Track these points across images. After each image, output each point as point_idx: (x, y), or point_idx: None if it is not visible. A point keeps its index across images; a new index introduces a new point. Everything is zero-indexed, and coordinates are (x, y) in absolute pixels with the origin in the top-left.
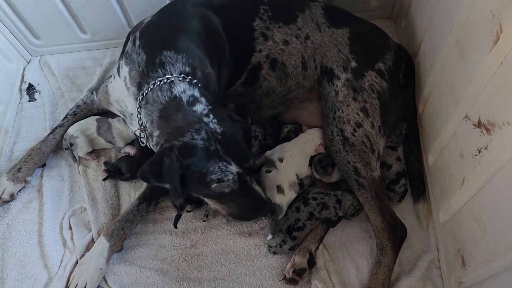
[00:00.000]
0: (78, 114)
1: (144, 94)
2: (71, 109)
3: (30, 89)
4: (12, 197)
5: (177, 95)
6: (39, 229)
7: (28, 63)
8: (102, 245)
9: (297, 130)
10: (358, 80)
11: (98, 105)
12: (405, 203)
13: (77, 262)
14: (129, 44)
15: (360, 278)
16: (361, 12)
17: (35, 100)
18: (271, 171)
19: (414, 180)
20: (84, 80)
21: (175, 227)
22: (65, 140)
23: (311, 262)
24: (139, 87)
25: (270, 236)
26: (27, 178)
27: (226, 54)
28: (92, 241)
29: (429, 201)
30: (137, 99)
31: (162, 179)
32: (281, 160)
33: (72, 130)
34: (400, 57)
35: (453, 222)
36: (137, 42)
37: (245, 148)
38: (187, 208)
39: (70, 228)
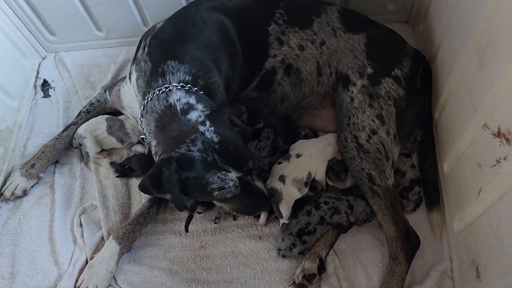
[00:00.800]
0: (91, 112)
1: (145, 104)
2: (84, 107)
3: (45, 85)
4: (25, 192)
5: (172, 103)
6: (50, 225)
7: (43, 59)
8: (112, 248)
9: (313, 134)
10: (374, 87)
11: (111, 105)
12: (419, 211)
13: (86, 260)
14: (140, 50)
15: (370, 285)
16: (378, 16)
17: (49, 96)
18: (282, 162)
19: (428, 188)
20: (98, 77)
21: (186, 230)
22: (74, 139)
23: (321, 268)
24: (144, 96)
25: (280, 240)
26: (40, 175)
27: (239, 59)
28: (102, 240)
29: (443, 210)
30: (140, 108)
31: (162, 190)
32: (298, 156)
33: (81, 130)
34: (417, 62)
35: (468, 232)
36: (146, 50)
37: (244, 152)
38: (198, 210)
39: (81, 225)
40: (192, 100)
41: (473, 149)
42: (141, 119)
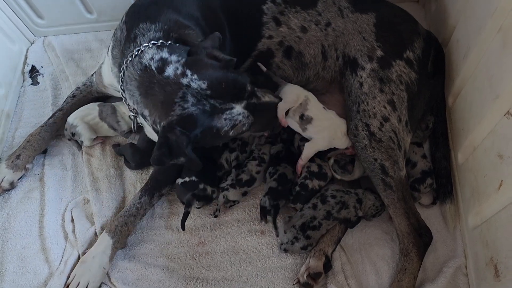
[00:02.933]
0: (77, 96)
1: (122, 75)
2: (71, 92)
3: (33, 71)
4: (12, 185)
5: (147, 64)
6: (40, 221)
7: (31, 44)
8: (105, 242)
9: None
10: (384, 70)
11: (97, 87)
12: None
13: (78, 258)
14: (119, 22)
15: (380, 283)
16: None
17: (38, 83)
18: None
19: (441, 179)
20: (89, 63)
21: (183, 228)
22: (66, 130)
23: (327, 266)
24: (119, 68)
25: (282, 232)
26: (27, 166)
27: (225, 37)
28: (95, 235)
29: (457, 202)
30: (119, 82)
31: (174, 155)
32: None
33: (71, 118)
34: (429, 44)
35: (485, 228)
36: (124, 18)
37: (238, 80)
38: (196, 205)
39: (72, 220)
40: (164, 54)
41: (493, 138)
42: (124, 94)
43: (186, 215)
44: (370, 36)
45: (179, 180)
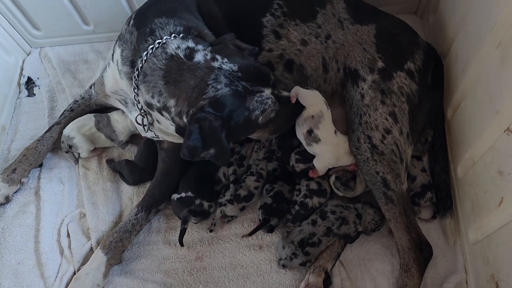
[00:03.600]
0: (75, 110)
1: (139, 68)
2: (68, 105)
3: (29, 83)
4: (7, 199)
5: (173, 53)
6: (36, 236)
7: (27, 56)
8: (99, 258)
9: None
10: (386, 82)
11: (96, 99)
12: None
13: (74, 273)
14: (124, 27)
15: None
16: (384, 6)
17: (34, 95)
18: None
19: (440, 192)
20: (86, 74)
21: (181, 244)
22: (62, 143)
23: (327, 282)
24: (132, 65)
25: (281, 248)
26: (23, 180)
27: None
28: (91, 251)
29: (457, 216)
30: (131, 79)
31: (207, 145)
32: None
33: (67, 130)
34: (429, 56)
35: (486, 244)
36: (131, 22)
37: (263, 69)
38: (193, 220)
39: (68, 235)
40: (190, 43)
41: (493, 154)
42: (137, 90)
43: (183, 232)
44: (370, 48)
45: (175, 196)
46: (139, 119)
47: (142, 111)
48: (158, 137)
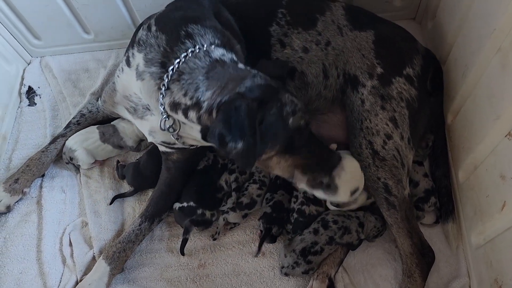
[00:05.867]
0: (82, 123)
1: (174, 69)
2: (74, 118)
3: (30, 92)
4: (9, 208)
5: (218, 58)
6: (38, 245)
7: (28, 65)
8: (102, 269)
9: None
10: (385, 87)
11: (103, 111)
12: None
13: (77, 283)
14: (142, 32)
15: None
16: (384, 13)
17: (35, 104)
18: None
19: (442, 197)
20: (87, 83)
21: (182, 253)
22: (64, 154)
23: None
24: (163, 65)
25: (283, 256)
26: (25, 190)
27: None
28: (93, 260)
29: (459, 221)
30: (159, 78)
31: (238, 135)
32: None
33: (70, 142)
34: (428, 61)
35: (489, 249)
36: (153, 28)
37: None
38: (195, 229)
39: (70, 244)
40: (234, 57)
41: (494, 158)
42: (166, 91)
43: (184, 242)
44: (369, 54)
45: (177, 205)
46: (163, 122)
47: (165, 112)
48: (171, 146)
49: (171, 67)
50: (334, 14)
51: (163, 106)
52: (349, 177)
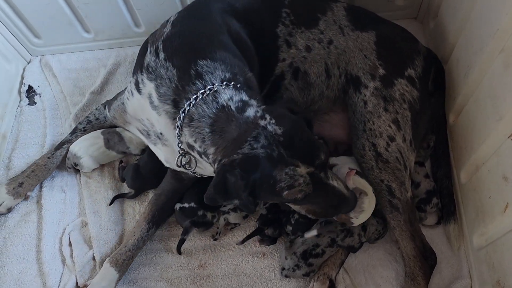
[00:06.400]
0: (88, 130)
1: (186, 111)
2: (80, 124)
3: (30, 91)
4: (9, 210)
5: (224, 104)
6: (38, 245)
7: (28, 64)
8: (111, 276)
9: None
10: (387, 89)
11: (111, 122)
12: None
13: (76, 283)
14: (150, 57)
15: None
16: (385, 12)
17: (35, 103)
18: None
19: (443, 198)
20: (87, 82)
21: (179, 252)
22: (68, 159)
23: None
24: (175, 104)
25: (283, 258)
26: (28, 193)
27: (255, 66)
28: (93, 260)
29: (461, 222)
30: (174, 119)
31: (229, 197)
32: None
33: (75, 148)
34: (429, 62)
35: (491, 250)
36: (161, 55)
37: (313, 143)
38: (196, 231)
39: (70, 244)
40: (244, 96)
41: (497, 160)
42: (180, 131)
43: (182, 242)
44: (371, 54)
45: (178, 205)
46: (179, 160)
47: (182, 150)
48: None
49: (183, 109)
50: (335, 15)
51: (180, 145)
52: (368, 214)
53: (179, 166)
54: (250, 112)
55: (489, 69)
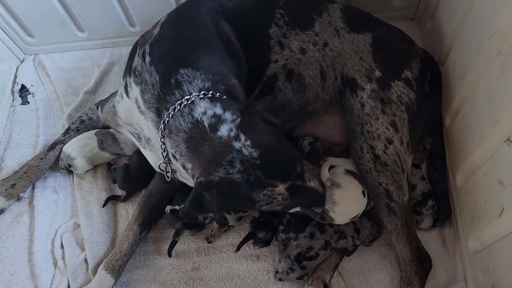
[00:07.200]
0: (81, 130)
1: (166, 122)
2: (73, 123)
3: (23, 91)
4: (1, 211)
5: (199, 118)
6: (29, 246)
7: (21, 63)
8: (108, 283)
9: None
10: (384, 91)
11: (104, 122)
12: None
13: (68, 286)
14: (138, 60)
15: None
16: (382, 13)
17: (28, 103)
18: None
19: (439, 201)
20: (80, 82)
21: (169, 255)
22: (61, 160)
23: None
24: (158, 113)
25: (277, 261)
26: (21, 195)
27: (243, 69)
28: (85, 262)
29: (456, 225)
30: (158, 128)
31: (205, 211)
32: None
33: (69, 149)
34: (426, 64)
35: (486, 254)
36: (147, 59)
37: (289, 158)
38: (188, 232)
39: (62, 246)
40: (218, 109)
41: (493, 164)
42: (163, 140)
43: (173, 244)
44: (367, 57)
45: (169, 208)
46: (163, 166)
47: (166, 158)
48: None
49: (163, 120)
50: (331, 16)
51: (164, 154)
52: (345, 210)
53: (161, 171)
54: (223, 130)
55: (486, 72)
